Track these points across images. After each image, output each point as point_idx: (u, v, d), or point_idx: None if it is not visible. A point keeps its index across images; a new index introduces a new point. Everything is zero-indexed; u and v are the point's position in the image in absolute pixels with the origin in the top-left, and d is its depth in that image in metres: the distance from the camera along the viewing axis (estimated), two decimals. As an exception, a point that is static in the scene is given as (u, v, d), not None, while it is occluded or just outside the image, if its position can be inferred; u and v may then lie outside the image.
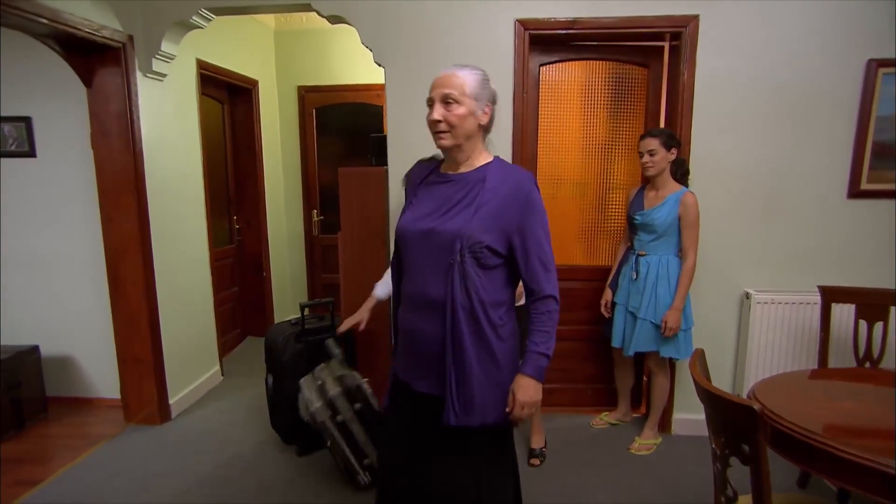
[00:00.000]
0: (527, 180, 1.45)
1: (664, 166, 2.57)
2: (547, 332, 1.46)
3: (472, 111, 1.45)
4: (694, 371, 1.41)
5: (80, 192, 3.18)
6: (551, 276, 1.46)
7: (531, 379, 1.45)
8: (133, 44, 2.85)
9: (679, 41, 2.69)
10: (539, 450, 2.73)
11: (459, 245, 1.38)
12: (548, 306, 1.46)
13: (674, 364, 2.85)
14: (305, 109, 4.74)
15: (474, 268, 1.40)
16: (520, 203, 1.42)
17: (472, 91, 1.45)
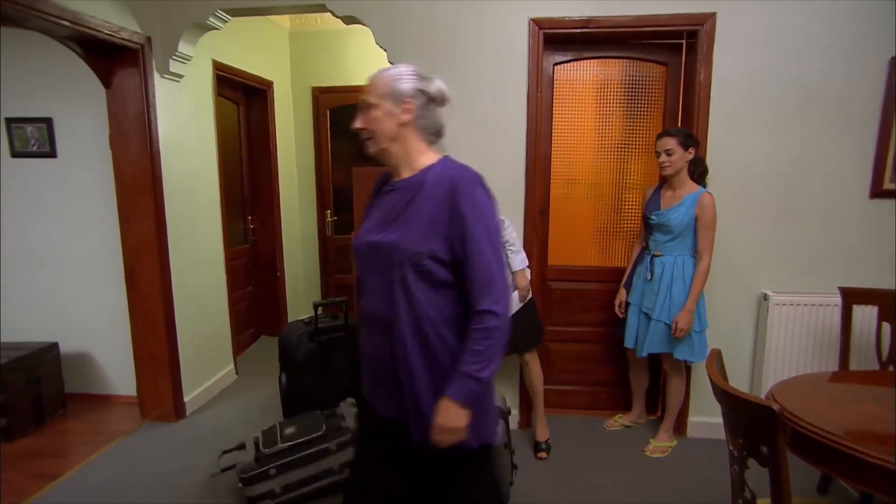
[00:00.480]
0: (464, 179, 1.30)
1: (681, 166, 2.53)
2: (479, 352, 1.25)
3: (387, 112, 1.34)
4: (711, 371, 1.39)
5: (98, 192, 3.23)
6: (493, 287, 1.27)
7: (452, 403, 1.26)
8: (151, 45, 2.89)
9: (696, 39, 2.66)
10: (545, 442, 2.76)
11: (400, 259, 1.28)
12: (484, 322, 1.26)
13: (689, 366, 2.81)
14: (320, 110, 4.77)
15: (418, 283, 1.28)
16: (456, 205, 1.27)
17: (384, 91, 1.35)
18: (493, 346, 1.27)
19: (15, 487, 2.50)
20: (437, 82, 1.40)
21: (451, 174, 1.32)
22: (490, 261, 1.27)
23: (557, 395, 3.23)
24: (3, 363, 2.89)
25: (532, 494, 2.42)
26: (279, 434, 2.37)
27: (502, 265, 1.30)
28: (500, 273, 1.29)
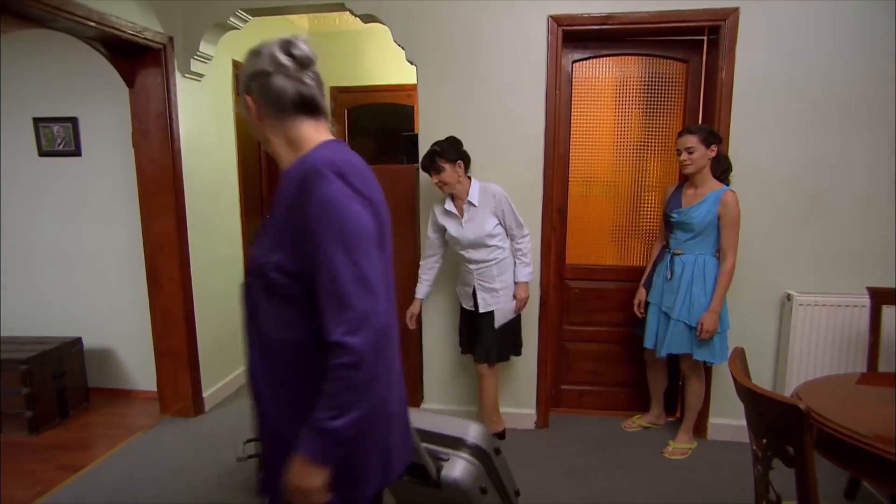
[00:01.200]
0: (314, 170, 1.01)
1: (703, 164, 2.48)
2: (331, 397, 0.96)
3: (246, 106, 1.13)
4: (734, 369, 1.36)
5: (121, 190, 3.29)
6: (347, 313, 0.95)
7: (303, 458, 0.99)
8: (173, 45, 2.93)
9: (717, 35, 2.62)
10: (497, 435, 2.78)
11: (248, 270, 1.09)
12: (337, 357, 0.95)
13: (709, 368, 2.76)
14: (338, 110, 4.80)
15: (265, 299, 1.06)
16: (303, 204, 0.99)
17: (241, 87, 1.14)
18: (347, 391, 0.96)
19: (40, 478, 2.56)
20: (287, 43, 1.09)
21: (305, 165, 1.03)
22: (343, 278, 0.96)
23: (575, 395, 3.20)
24: (29, 357, 2.95)
25: (548, 494, 2.40)
26: None
27: (368, 283, 0.97)
28: (359, 294, 0.96)
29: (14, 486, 2.51)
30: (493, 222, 2.53)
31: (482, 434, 1.83)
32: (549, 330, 2.94)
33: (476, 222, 2.53)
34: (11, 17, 2.22)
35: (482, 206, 2.53)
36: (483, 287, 2.61)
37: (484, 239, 2.52)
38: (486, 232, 2.52)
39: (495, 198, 2.52)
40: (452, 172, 2.48)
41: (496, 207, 2.52)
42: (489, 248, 2.55)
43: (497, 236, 2.55)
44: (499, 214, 2.54)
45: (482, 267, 2.59)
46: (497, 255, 2.57)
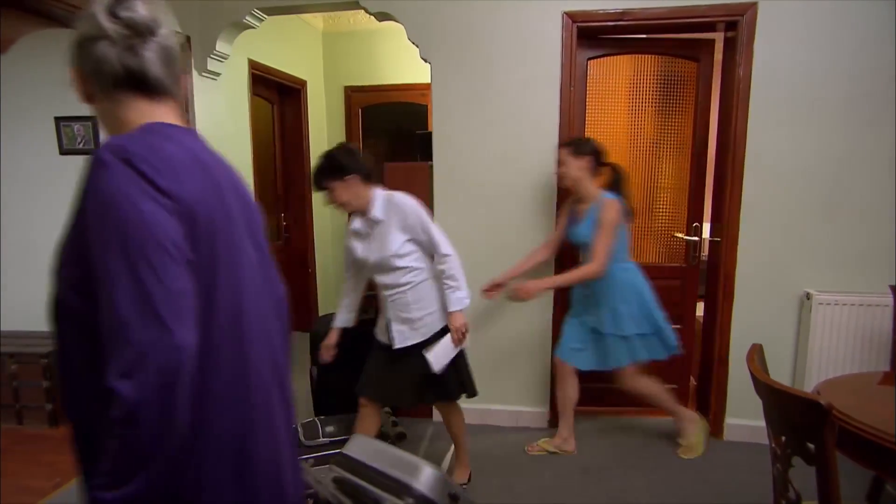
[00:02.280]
0: (94, 159, 0.77)
1: (577, 175, 2.43)
2: (106, 462, 0.72)
3: (72, 82, 0.93)
4: (752, 365, 1.34)
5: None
6: (123, 349, 0.71)
7: None
8: (190, 44, 2.96)
9: (735, 31, 2.59)
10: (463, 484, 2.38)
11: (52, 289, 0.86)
12: (112, 410, 0.69)
13: (716, 365, 2.71)
14: (352, 109, 4.82)
15: (61, 315, 0.84)
16: (83, 200, 0.78)
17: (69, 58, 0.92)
18: (122, 455, 0.71)
19: (59, 470, 2.60)
20: (116, 3, 0.86)
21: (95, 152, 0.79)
22: (118, 300, 0.72)
23: (588, 393, 3.17)
24: (49, 351, 3.00)
25: (562, 494, 2.38)
26: (321, 429, 2.41)
27: (153, 307, 0.72)
28: (138, 321, 0.71)
29: (35, 476, 2.56)
30: (400, 239, 2.09)
31: (435, 481, 1.47)
32: (563, 328, 2.92)
33: (380, 241, 2.11)
34: (34, 17, 2.26)
35: (388, 221, 2.10)
36: (398, 318, 2.16)
37: (390, 260, 2.09)
38: (392, 252, 2.08)
39: (403, 211, 2.09)
40: (344, 191, 2.06)
41: (404, 222, 2.09)
42: (400, 271, 2.11)
43: (407, 256, 2.11)
44: (409, 230, 2.10)
45: (395, 293, 2.15)
46: (411, 278, 2.13)
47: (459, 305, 2.14)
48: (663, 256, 3.10)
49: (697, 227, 3.02)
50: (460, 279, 2.14)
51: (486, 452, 2.70)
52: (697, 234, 3.02)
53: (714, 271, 2.82)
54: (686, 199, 3.04)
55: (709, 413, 2.84)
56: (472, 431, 2.87)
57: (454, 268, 2.12)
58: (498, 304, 2.85)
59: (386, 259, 2.10)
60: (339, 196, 2.07)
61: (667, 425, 2.97)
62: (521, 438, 2.83)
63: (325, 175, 2.06)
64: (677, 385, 3.16)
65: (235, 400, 0.86)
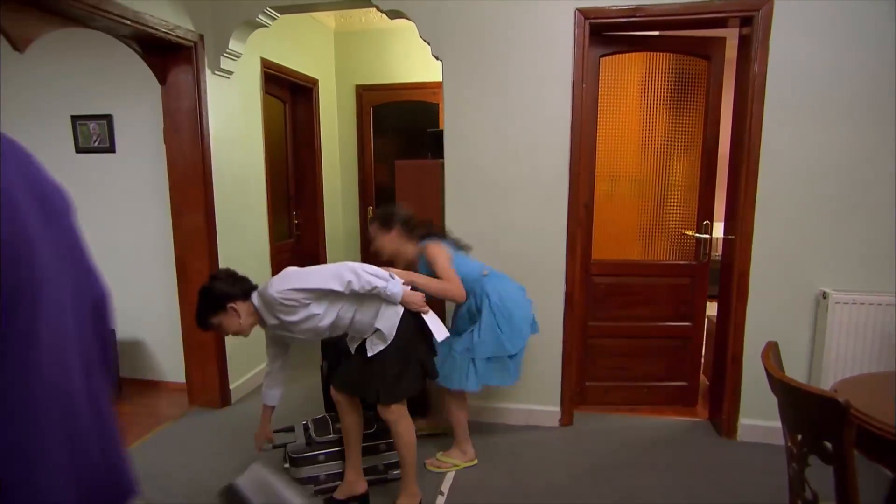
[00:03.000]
0: None
1: (394, 246, 2.41)
2: None
3: None
4: (767, 363, 1.32)
5: (152, 185, 3.37)
6: None
7: None
8: (203, 42, 2.99)
9: (750, 27, 2.56)
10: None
11: None
12: None
13: (729, 364, 2.68)
14: (363, 108, 4.84)
15: None
16: None
17: None
18: None
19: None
20: None
21: None
22: None
23: (600, 392, 3.17)
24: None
25: (573, 494, 2.37)
26: (331, 425, 2.42)
27: None
28: None
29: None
30: (296, 316, 1.99)
31: None
32: (575, 326, 2.91)
33: (285, 332, 2.11)
34: (53, 16, 2.29)
35: (275, 318, 2.03)
36: (364, 339, 2.14)
37: (308, 333, 2.08)
38: (305, 327, 2.02)
39: (274, 307, 1.98)
40: (231, 321, 2.03)
41: (283, 312, 1.99)
42: (328, 328, 2.06)
43: (314, 317, 2.00)
44: (291, 313, 1.98)
45: (344, 333, 2.18)
46: (342, 320, 2.06)
47: (399, 295, 2.05)
48: (673, 254, 3.09)
49: (707, 224, 3.01)
50: (377, 283, 2.00)
51: (496, 451, 2.69)
52: (707, 232, 3.00)
53: (728, 269, 2.80)
54: (696, 196, 3.03)
55: (722, 413, 2.81)
56: (483, 430, 2.87)
57: (363, 283, 1.98)
58: (509, 302, 2.84)
59: (304, 333, 2.07)
60: (228, 328, 2.03)
61: (677, 426, 2.95)
62: (532, 437, 2.82)
63: (206, 315, 2.00)
64: (686, 383, 3.16)
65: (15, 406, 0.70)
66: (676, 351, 3.14)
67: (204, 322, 2.00)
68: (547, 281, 2.83)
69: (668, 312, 3.10)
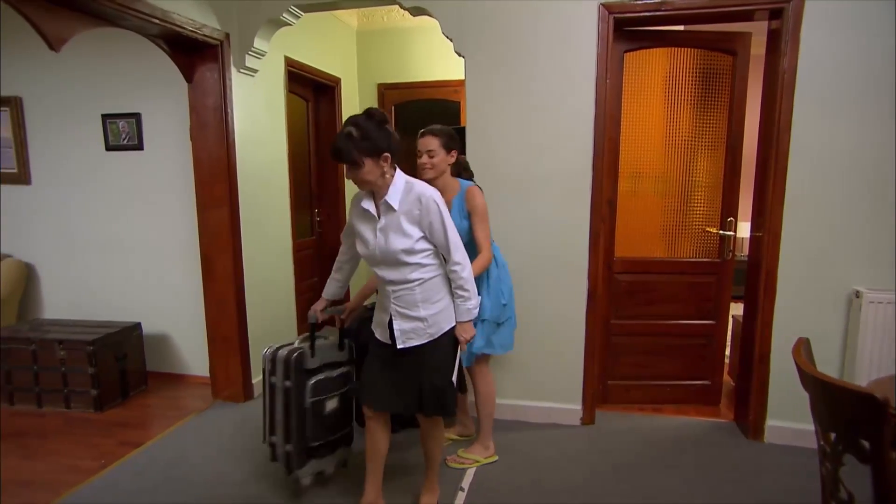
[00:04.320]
0: None
1: (443, 169, 2.32)
2: None
3: None
4: (798, 359, 1.29)
5: (178, 182, 3.43)
6: None
7: None
8: (229, 41, 3.03)
9: (780, 20, 2.50)
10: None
11: None
12: None
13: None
14: (385, 107, 4.86)
15: None
16: None
17: None
18: None
19: (105, 451, 2.71)
20: None
21: None
22: None
23: (622, 391, 3.14)
24: (95, 339, 3.12)
25: (595, 493, 2.34)
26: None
27: None
28: None
29: (82, 456, 2.67)
30: (414, 235, 1.85)
31: None
32: (597, 324, 2.88)
33: (389, 232, 1.86)
34: (85, 16, 2.35)
35: (404, 211, 1.85)
36: (402, 314, 1.92)
37: (399, 255, 1.85)
38: (403, 247, 1.84)
39: (421, 203, 1.84)
40: (374, 169, 1.80)
41: (423, 217, 1.85)
42: (409, 267, 1.88)
43: (420, 253, 1.88)
44: (426, 228, 1.86)
45: (401, 290, 1.91)
46: (421, 274, 1.89)
47: (468, 316, 1.95)
48: (696, 252, 3.05)
49: (731, 221, 2.95)
50: (471, 289, 1.93)
51: (517, 449, 2.67)
52: (732, 229, 2.95)
53: (755, 267, 2.74)
54: (720, 194, 2.99)
55: (748, 414, 2.76)
56: (504, 428, 2.86)
57: (466, 277, 1.91)
58: (528, 299, 2.83)
59: (394, 254, 1.85)
60: (367, 174, 1.80)
61: (702, 426, 2.90)
62: (553, 436, 2.80)
63: (357, 150, 1.75)
64: (710, 382, 3.11)
65: None
66: (699, 349, 3.09)
67: (350, 157, 1.76)
68: (569, 278, 2.81)
69: (691, 310, 3.06)
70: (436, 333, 1.93)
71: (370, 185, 1.84)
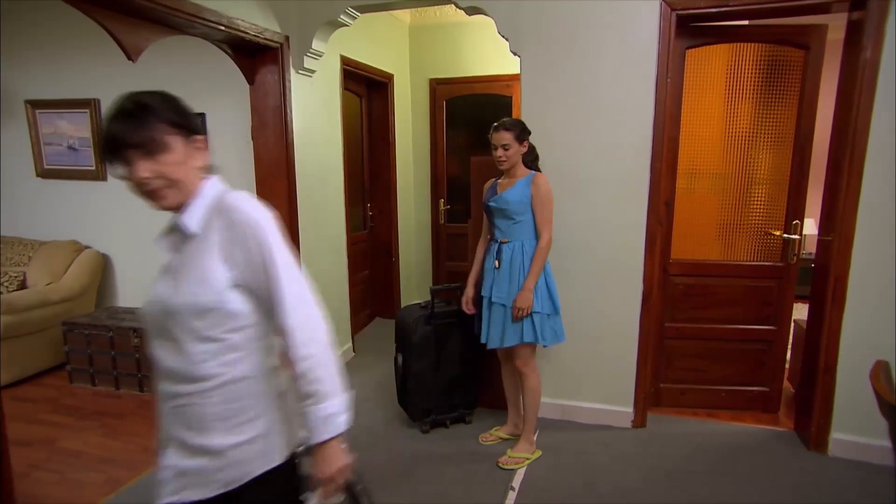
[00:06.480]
0: None
1: (516, 160, 2.46)
2: None
3: None
4: (877, 385, 1.24)
5: (239, 179, 3.57)
6: None
7: None
8: (288, 43, 3.12)
9: (863, 10, 2.35)
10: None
11: None
12: None
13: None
14: (436, 101, 4.88)
15: None
16: None
17: None
18: None
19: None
20: None
21: None
22: None
23: (675, 394, 3.09)
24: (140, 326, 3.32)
25: (648, 496, 2.33)
26: None
27: None
28: None
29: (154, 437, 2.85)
30: (219, 281, 1.07)
31: None
32: (651, 326, 2.83)
33: (182, 277, 1.09)
34: (158, 26, 2.47)
35: (207, 237, 1.10)
36: (179, 443, 1.12)
37: (187, 320, 1.07)
38: (196, 303, 1.06)
39: (234, 224, 1.09)
40: (184, 157, 1.09)
41: (234, 246, 1.08)
42: (205, 347, 1.07)
43: (229, 320, 1.08)
44: (239, 263, 1.08)
45: (184, 394, 1.10)
46: (225, 367, 1.09)
47: (329, 431, 1.09)
48: (757, 254, 2.93)
49: (797, 224, 2.82)
50: (326, 378, 1.09)
51: (567, 449, 2.68)
52: (797, 232, 2.82)
53: (822, 272, 2.61)
54: (785, 194, 2.85)
55: (810, 425, 2.66)
56: (553, 427, 2.87)
57: (315, 355, 1.09)
58: (581, 298, 2.82)
59: (180, 315, 1.06)
60: (173, 167, 1.06)
61: (759, 434, 2.82)
62: (604, 437, 2.79)
63: (159, 121, 1.04)
64: (768, 389, 3.01)
65: None
66: (758, 355, 2.99)
67: (143, 130, 1.02)
68: (624, 280, 2.78)
69: (749, 315, 2.96)
70: (235, 482, 1.11)
71: (173, 189, 1.08)
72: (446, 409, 2.91)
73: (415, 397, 2.85)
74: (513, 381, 2.74)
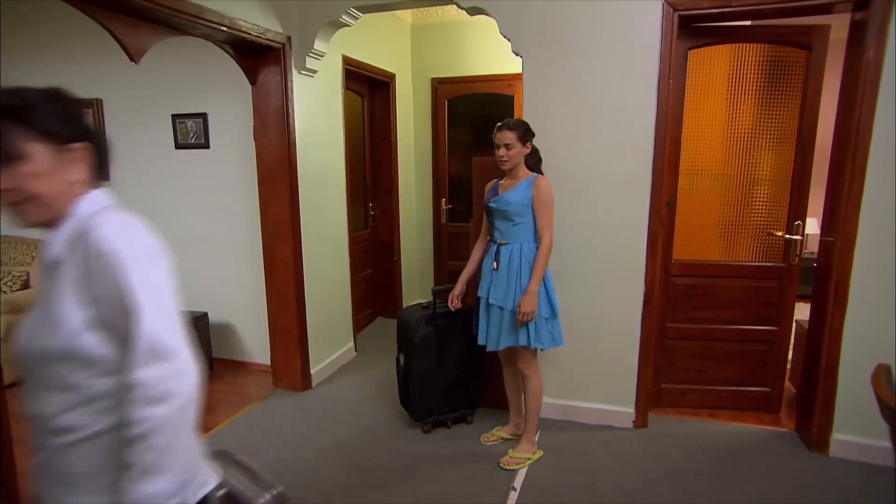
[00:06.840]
0: None
1: (519, 161, 2.45)
2: None
3: None
4: (878, 388, 1.24)
5: (242, 179, 3.58)
6: None
7: None
8: (290, 43, 3.12)
9: (866, 11, 2.34)
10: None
11: None
12: None
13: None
14: (438, 101, 4.88)
15: None
16: None
17: None
18: None
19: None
20: None
21: None
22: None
23: (676, 394, 3.09)
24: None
25: (648, 496, 2.33)
26: None
27: None
28: None
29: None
30: (73, 321, 0.92)
31: None
32: (652, 327, 2.84)
33: (40, 309, 0.97)
34: (161, 28, 2.48)
35: (67, 264, 0.94)
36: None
37: (46, 362, 0.94)
38: (48, 346, 0.93)
39: (89, 251, 0.92)
40: (52, 168, 0.95)
41: (88, 279, 0.92)
42: (62, 396, 0.94)
43: (87, 367, 0.93)
44: (94, 299, 0.92)
45: (50, 446, 0.97)
46: (85, 417, 0.94)
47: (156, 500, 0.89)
48: (759, 254, 2.93)
49: (799, 225, 2.82)
50: (162, 449, 0.88)
51: (569, 450, 2.69)
52: (799, 233, 2.82)
53: (824, 273, 2.61)
54: (787, 194, 2.85)
55: (812, 425, 2.66)
56: (554, 427, 2.88)
57: (156, 418, 0.88)
58: (582, 299, 2.82)
59: (39, 354, 0.95)
60: (35, 181, 0.93)
61: (760, 435, 2.82)
62: (605, 437, 2.80)
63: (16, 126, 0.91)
64: (769, 389, 3.01)
65: None
66: (759, 355, 2.99)
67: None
68: (625, 280, 2.78)
69: (751, 315, 2.96)
70: None
71: (32, 205, 0.94)
72: (448, 410, 2.91)
73: (416, 397, 2.85)
74: (514, 382, 2.75)
